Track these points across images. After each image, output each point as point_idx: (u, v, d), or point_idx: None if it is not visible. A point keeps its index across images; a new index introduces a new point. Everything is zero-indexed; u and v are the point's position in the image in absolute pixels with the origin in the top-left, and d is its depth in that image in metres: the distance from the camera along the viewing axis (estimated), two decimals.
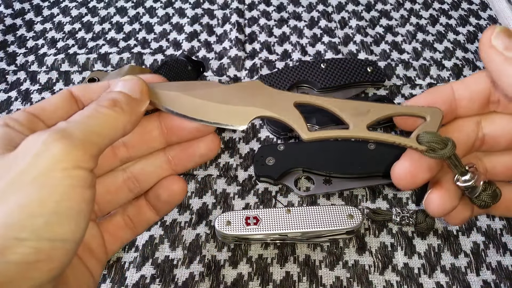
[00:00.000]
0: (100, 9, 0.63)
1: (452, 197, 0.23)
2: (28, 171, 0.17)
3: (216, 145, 0.25)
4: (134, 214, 0.26)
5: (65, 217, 0.17)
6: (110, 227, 0.25)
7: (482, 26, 0.60)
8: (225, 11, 0.62)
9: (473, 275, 0.38)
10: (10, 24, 0.61)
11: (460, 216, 0.24)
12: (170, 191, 0.26)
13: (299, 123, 0.23)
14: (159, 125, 0.24)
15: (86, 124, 0.19)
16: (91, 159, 0.18)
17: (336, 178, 0.42)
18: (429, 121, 0.22)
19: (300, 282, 0.37)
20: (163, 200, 0.26)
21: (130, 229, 0.26)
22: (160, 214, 0.27)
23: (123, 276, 0.38)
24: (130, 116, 0.20)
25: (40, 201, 0.17)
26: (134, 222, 0.26)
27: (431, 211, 0.23)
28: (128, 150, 0.24)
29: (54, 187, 0.17)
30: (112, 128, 0.19)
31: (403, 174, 0.23)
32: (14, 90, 0.52)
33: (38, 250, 0.16)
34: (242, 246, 0.40)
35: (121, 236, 0.25)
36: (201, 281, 0.38)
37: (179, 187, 0.26)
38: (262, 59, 0.55)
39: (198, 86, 0.24)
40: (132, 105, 0.21)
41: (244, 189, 0.43)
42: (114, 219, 0.26)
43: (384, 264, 0.38)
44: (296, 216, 0.37)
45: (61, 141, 0.17)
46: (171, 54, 0.56)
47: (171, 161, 0.25)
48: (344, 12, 0.62)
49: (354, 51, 0.57)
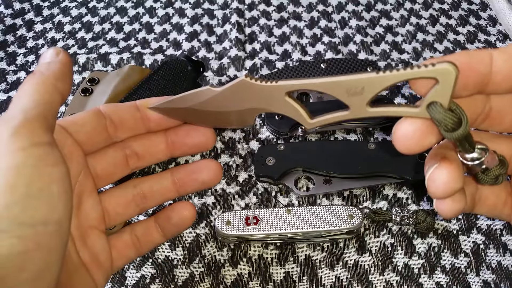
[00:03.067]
0: (100, 9, 0.63)
1: (460, 176, 0.20)
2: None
3: (219, 174, 0.27)
4: (142, 234, 0.28)
5: (39, 198, 0.17)
6: (118, 244, 0.27)
7: (482, 26, 0.60)
8: (225, 11, 0.62)
9: (473, 275, 0.38)
10: (10, 24, 0.61)
11: (456, 205, 0.21)
12: (181, 215, 0.28)
13: (298, 113, 0.22)
14: (165, 139, 0.27)
15: (19, 103, 0.19)
16: (43, 133, 0.18)
17: (336, 178, 0.42)
18: (441, 84, 0.18)
19: (300, 282, 0.37)
20: (173, 222, 0.28)
21: (136, 248, 0.27)
22: (166, 237, 0.28)
23: (123, 276, 0.38)
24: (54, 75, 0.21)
25: (10, 187, 0.17)
26: (140, 241, 0.27)
27: (435, 190, 0.20)
28: (139, 160, 0.27)
29: (19, 169, 0.17)
30: (42, 93, 0.20)
31: (411, 132, 0.19)
32: (14, 90, 0.52)
33: (23, 238, 0.16)
34: (242, 246, 0.40)
35: (127, 254, 0.27)
36: (201, 281, 0.38)
37: (189, 212, 0.28)
38: (262, 59, 0.55)
39: (198, 96, 0.24)
40: (51, 66, 0.21)
41: (244, 189, 0.43)
42: (123, 237, 0.27)
43: (384, 264, 0.38)
44: (296, 216, 0.37)
45: (5, 124, 0.18)
46: (171, 54, 0.56)
47: (177, 183, 0.27)
48: (344, 12, 0.62)
49: (354, 51, 0.57)
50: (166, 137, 0.27)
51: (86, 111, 0.24)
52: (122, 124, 0.25)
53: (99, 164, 0.25)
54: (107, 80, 0.47)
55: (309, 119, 0.21)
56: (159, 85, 0.45)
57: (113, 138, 0.25)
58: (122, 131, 0.25)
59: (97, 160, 0.25)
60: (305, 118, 0.21)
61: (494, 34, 0.59)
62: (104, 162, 0.25)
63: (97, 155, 0.25)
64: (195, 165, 0.28)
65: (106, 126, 0.24)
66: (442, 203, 0.21)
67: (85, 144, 0.24)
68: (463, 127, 0.18)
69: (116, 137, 0.25)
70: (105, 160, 0.25)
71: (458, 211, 0.21)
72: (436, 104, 0.18)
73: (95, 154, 0.25)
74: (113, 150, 0.26)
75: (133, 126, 0.26)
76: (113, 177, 0.26)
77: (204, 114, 0.24)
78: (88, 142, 0.24)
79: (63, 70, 0.21)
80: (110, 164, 0.26)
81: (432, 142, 0.19)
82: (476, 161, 0.20)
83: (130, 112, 0.25)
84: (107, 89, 0.46)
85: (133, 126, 0.26)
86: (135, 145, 0.26)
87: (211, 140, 0.27)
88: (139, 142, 0.27)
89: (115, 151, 0.26)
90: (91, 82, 0.48)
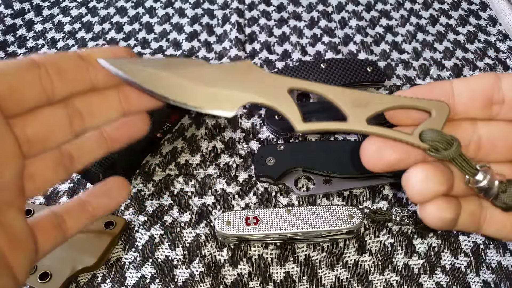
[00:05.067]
0: (100, 9, 0.63)
1: (440, 179, 0.20)
2: None
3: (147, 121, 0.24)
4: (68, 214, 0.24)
5: None
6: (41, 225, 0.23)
7: (482, 26, 0.60)
8: (225, 11, 0.62)
9: (473, 275, 0.38)
10: (10, 24, 0.61)
11: (441, 213, 0.20)
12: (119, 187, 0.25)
13: (292, 112, 0.21)
14: (117, 93, 0.23)
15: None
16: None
17: (336, 178, 0.42)
18: (434, 116, 0.20)
19: (300, 282, 0.37)
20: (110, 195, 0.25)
21: (63, 230, 0.24)
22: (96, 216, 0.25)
23: (123, 276, 0.38)
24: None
25: None
26: (67, 222, 0.24)
27: (410, 190, 0.20)
28: (85, 120, 0.22)
29: None
30: None
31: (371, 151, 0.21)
32: None
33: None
34: (242, 246, 0.39)
35: (54, 236, 0.23)
36: (201, 281, 0.38)
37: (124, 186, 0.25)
38: (262, 59, 0.55)
39: (182, 64, 0.22)
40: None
41: (244, 189, 0.43)
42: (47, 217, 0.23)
43: (384, 264, 0.38)
44: (296, 216, 0.37)
45: None
46: (171, 54, 0.56)
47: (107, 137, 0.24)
48: (344, 12, 0.62)
49: (354, 51, 0.57)
50: (118, 91, 0.23)
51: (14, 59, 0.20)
52: (61, 76, 0.20)
53: (31, 126, 0.20)
54: None
55: (302, 122, 0.21)
56: None
57: (50, 94, 0.21)
58: (62, 85, 0.21)
59: (28, 121, 0.20)
60: (298, 119, 0.21)
61: (494, 34, 0.59)
62: (38, 124, 0.21)
63: (28, 115, 0.20)
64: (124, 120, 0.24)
65: (40, 78, 0.20)
66: (424, 209, 0.20)
67: (6, 99, 0.19)
68: (455, 144, 0.20)
69: (53, 93, 0.21)
70: (39, 120, 0.21)
71: (444, 221, 0.20)
72: (429, 129, 0.20)
73: (27, 114, 0.20)
74: (51, 109, 0.21)
75: (75, 80, 0.21)
76: (51, 142, 0.22)
77: (175, 85, 0.21)
78: (10, 97, 0.19)
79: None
80: (45, 126, 0.21)
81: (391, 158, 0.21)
82: (484, 181, 0.20)
83: (72, 62, 0.21)
84: None
85: (75, 79, 0.21)
86: (78, 101, 0.22)
87: None
88: (84, 98, 0.22)
89: (54, 109, 0.21)
90: None
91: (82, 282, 0.38)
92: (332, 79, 0.49)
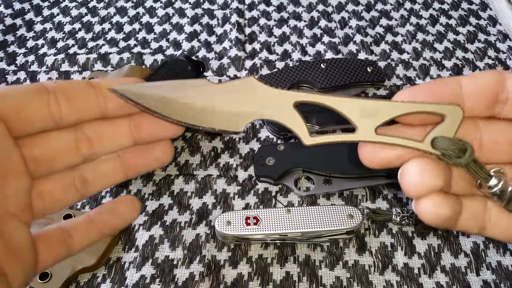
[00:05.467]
0: (100, 9, 0.63)
1: (437, 173, 0.19)
2: None
3: (171, 150, 0.25)
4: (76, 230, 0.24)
5: None
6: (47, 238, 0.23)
7: (482, 26, 0.60)
8: (225, 11, 0.62)
9: (473, 275, 0.38)
10: (10, 24, 0.61)
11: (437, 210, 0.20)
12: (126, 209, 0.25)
13: (300, 127, 0.21)
14: (128, 122, 0.23)
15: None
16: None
17: (336, 178, 0.42)
18: (447, 121, 0.20)
19: (300, 282, 0.37)
20: (119, 214, 0.25)
21: (68, 245, 0.24)
22: (103, 234, 0.25)
23: (123, 276, 0.38)
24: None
25: None
26: (74, 238, 0.24)
27: (407, 185, 0.20)
28: (93, 145, 0.23)
29: None
30: None
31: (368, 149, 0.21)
32: None
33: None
34: (242, 246, 0.39)
35: (58, 251, 0.23)
36: (201, 281, 0.38)
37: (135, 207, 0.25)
38: (262, 59, 0.55)
39: (189, 87, 0.22)
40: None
41: (244, 189, 0.43)
42: (54, 231, 0.24)
43: (384, 264, 0.38)
44: (296, 216, 0.37)
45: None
46: (171, 54, 0.56)
47: (125, 164, 0.24)
48: (344, 12, 0.62)
49: (354, 51, 0.57)
50: (130, 120, 0.23)
51: (24, 85, 0.22)
52: (70, 102, 0.21)
53: (39, 148, 0.22)
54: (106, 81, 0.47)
55: (309, 137, 0.22)
56: None
57: (58, 119, 0.21)
58: (70, 111, 0.22)
59: (36, 142, 0.22)
60: (306, 134, 0.22)
61: (494, 34, 0.59)
62: (46, 145, 0.22)
63: (37, 137, 0.22)
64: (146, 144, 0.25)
65: (48, 103, 0.21)
66: (419, 204, 0.20)
67: (12, 120, 0.20)
68: (468, 151, 0.19)
69: (61, 118, 0.21)
70: (46, 142, 0.22)
71: (440, 217, 0.20)
72: (441, 136, 0.19)
73: (36, 136, 0.22)
74: (59, 133, 0.22)
75: (83, 107, 0.22)
76: (58, 163, 0.22)
77: (185, 108, 0.22)
78: (16, 118, 0.20)
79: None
80: (52, 148, 0.22)
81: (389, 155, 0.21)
82: (498, 186, 0.20)
83: (81, 89, 0.22)
84: None
85: (83, 107, 0.22)
86: (88, 128, 0.23)
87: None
88: (95, 125, 0.23)
89: (62, 133, 0.22)
90: None
91: (82, 282, 0.38)
92: (332, 79, 0.49)
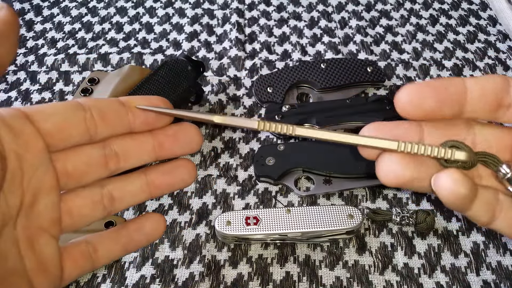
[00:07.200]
0: (100, 9, 0.63)
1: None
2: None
3: (193, 174, 0.26)
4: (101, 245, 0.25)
5: None
6: (72, 253, 0.24)
7: (482, 26, 0.60)
8: (225, 11, 0.62)
9: (473, 275, 0.38)
10: None
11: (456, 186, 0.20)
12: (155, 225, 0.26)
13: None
14: (152, 139, 0.25)
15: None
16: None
17: (336, 178, 0.42)
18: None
19: (300, 282, 0.37)
20: (145, 232, 0.26)
21: (92, 260, 0.25)
22: (127, 251, 0.26)
23: (123, 276, 0.38)
24: None
25: None
26: (98, 253, 0.25)
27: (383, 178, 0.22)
28: (120, 161, 0.24)
29: None
30: None
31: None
32: (14, 90, 0.52)
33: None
34: (242, 246, 0.40)
35: (82, 265, 0.24)
36: (201, 281, 0.38)
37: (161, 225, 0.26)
38: (262, 59, 0.55)
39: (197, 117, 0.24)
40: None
41: (244, 189, 0.43)
42: (79, 246, 0.24)
43: (384, 264, 0.38)
44: (296, 216, 0.37)
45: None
46: (171, 54, 0.56)
47: (151, 184, 0.25)
48: (344, 12, 0.62)
49: (354, 51, 0.57)
50: (153, 137, 0.25)
51: (63, 101, 0.22)
52: (104, 119, 0.22)
53: (71, 162, 0.22)
54: (107, 80, 0.47)
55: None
56: (159, 85, 0.45)
57: (93, 135, 0.22)
58: (103, 127, 0.23)
59: (69, 157, 0.22)
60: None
61: (494, 34, 0.59)
62: (78, 160, 0.23)
63: (70, 152, 0.22)
64: (169, 164, 0.26)
65: (85, 120, 0.22)
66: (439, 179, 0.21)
67: (53, 136, 0.21)
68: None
69: (96, 133, 0.23)
70: (78, 157, 0.23)
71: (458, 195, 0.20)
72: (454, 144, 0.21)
73: (69, 150, 0.22)
74: (91, 148, 0.23)
75: (115, 123, 0.23)
76: (87, 177, 0.23)
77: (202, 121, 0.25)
78: (57, 135, 0.21)
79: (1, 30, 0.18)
80: (84, 163, 0.23)
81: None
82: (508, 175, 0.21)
83: (114, 107, 0.23)
84: (107, 89, 0.46)
85: (115, 123, 0.23)
86: (116, 144, 0.24)
87: (199, 140, 0.25)
88: (122, 141, 0.24)
89: (93, 148, 0.23)
90: (91, 82, 0.48)
91: (82, 282, 0.38)
92: (332, 79, 0.49)
